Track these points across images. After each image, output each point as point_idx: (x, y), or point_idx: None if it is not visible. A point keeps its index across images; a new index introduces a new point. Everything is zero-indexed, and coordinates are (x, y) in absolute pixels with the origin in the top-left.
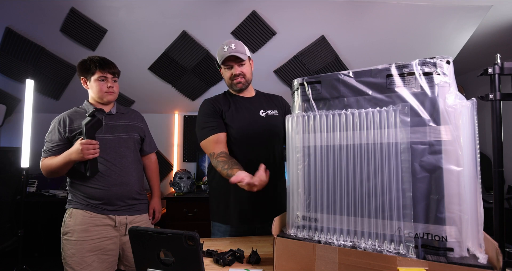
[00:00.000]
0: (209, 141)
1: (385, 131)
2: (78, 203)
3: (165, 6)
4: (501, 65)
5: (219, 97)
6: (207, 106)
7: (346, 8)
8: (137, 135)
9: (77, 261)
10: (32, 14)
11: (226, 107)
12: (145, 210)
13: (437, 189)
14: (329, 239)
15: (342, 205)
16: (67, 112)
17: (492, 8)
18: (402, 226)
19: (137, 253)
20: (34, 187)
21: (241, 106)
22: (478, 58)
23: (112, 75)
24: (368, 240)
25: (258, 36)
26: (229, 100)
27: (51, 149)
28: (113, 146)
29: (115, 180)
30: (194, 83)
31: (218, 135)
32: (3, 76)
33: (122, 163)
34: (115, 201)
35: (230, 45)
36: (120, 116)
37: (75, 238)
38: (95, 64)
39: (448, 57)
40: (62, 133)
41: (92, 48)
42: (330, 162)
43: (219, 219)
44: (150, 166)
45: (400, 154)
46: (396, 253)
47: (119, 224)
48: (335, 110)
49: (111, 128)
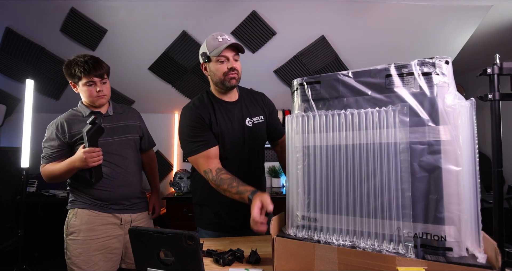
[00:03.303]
0: (200, 157)
1: (384, 131)
2: (83, 203)
3: (165, 6)
4: (500, 65)
5: (204, 104)
6: (194, 119)
7: (346, 8)
8: (137, 135)
9: (84, 260)
10: (32, 14)
11: (213, 117)
12: (146, 208)
13: (436, 188)
14: (328, 239)
15: (342, 205)
16: (63, 116)
17: (492, 8)
18: (401, 225)
19: (137, 252)
20: (34, 187)
21: (228, 117)
22: (477, 58)
23: (99, 78)
24: (368, 240)
25: (258, 36)
26: (213, 107)
27: (51, 155)
28: (115, 148)
29: (120, 181)
30: (194, 83)
31: (210, 151)
32: (3, 76)
33: (126, 164)
34: (120, 201)
35: (224, 36)
36: (118, 116)
37: (81, 237)
38: (79, 69)
39: (447, 57)
40: (61, 139)
41: (92, 48)
42: (329, 161)
43: (205, 226)
44: (149, 162)
45: (399, 154)
46: (396, 252)
47: (124, 222)
48: (335, 111)
49: (112, 131)
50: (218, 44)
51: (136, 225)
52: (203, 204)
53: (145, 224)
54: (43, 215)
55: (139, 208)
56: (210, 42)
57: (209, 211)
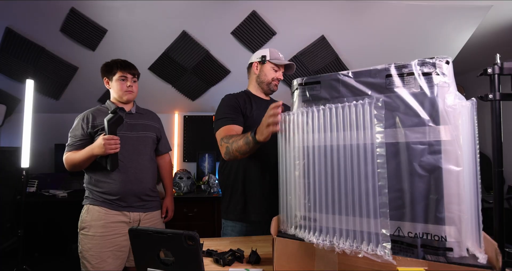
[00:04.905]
0: (223, 130)
1: (361, 130)
2: (94, 199)
3: (165, 6)
4: (501, 65)
5: (242, 95)
6: (231, 99)
7: (346, 8)
8: (154, 135)
9: (93, 255)
10: (32, 14)
11: (249, 107)
12: (157, 207)
13: (436, 189)
14: (328, 241)
15: (341, 205)
16: (90, 110)
17: (492, 8)
18: (401, 225)
19: (137, 252)
20: (34, 187)
21: (261, 110)
22: (478, 58)
23: (132, 75)
24: (369, 244)
25: (258, 36)
26: (251, 100)
27: (74, 143)
28: (131, 143)
29: (131, 176)
30: (194, 83)
31: (233, 126)
32: (3, 76)
33: (139, 160)
34: (129, 197)
35: (281, 54)
36: (139, 116)
37: (92, 233)
38: (117, 65)
39: (447, 57)
40: (84, 129)
41: (92, 48)
42: (328, 161)
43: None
44: (165, 165)
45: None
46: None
47: (133, 221)
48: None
49: (131, 127)
50: (279, 58)
51: (145, 224)
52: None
53: (153, 224)
54: (43, 215)
55: (149, 207)
56: (273, 52)
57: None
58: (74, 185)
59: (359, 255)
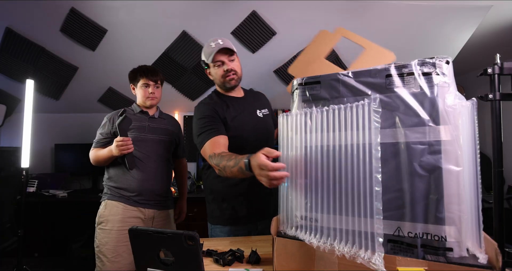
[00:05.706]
0: (208, 144)
1: (360, 130)
2: (112, 195)
3: (165, 6)
4: (501, 65)
5: (214, 99)
6: (207, 111)
7: (346, 8)
8: (173, 139)
9: (109, 249)
10: (32, 14)
11: (227, 111)
12: (170, 206)
13: (436, 189)
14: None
15: (342, 205)
16: (117, 111)
17: (492, 8)
18: (401, 225)
19: (137, 252)
20: (34, 187)
21: (240, 109)
22: (478, 58)
23: (154, 82)
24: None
25: (258, 36)
26: (225, 102)
27: (99, 141)
28: (152, 145)
29: (149, 175)
30: (194, 83)
31: (218, 137)
32: (3, 76)
33: (158, 161)
34: (146, 195)
35: (217, 41)
36: (161, 120)
37: (109, 227)
38: (140, 72)
39: (447, 57)
40: (110, 128)
41: (92, 48)
42: (329, 161)
43: (221, 221)
44: (181, 169)
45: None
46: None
47: (147, 218)
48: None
49: (153, 130)
50: (211, 51)
51: (158, 221)
52: (214, 199)
53: (166, 223)
54: (43, 215)
55: (163, 206)
56: (205, 49)
57: (225, 205)
58: (74, 185)
59: (357, 261)
